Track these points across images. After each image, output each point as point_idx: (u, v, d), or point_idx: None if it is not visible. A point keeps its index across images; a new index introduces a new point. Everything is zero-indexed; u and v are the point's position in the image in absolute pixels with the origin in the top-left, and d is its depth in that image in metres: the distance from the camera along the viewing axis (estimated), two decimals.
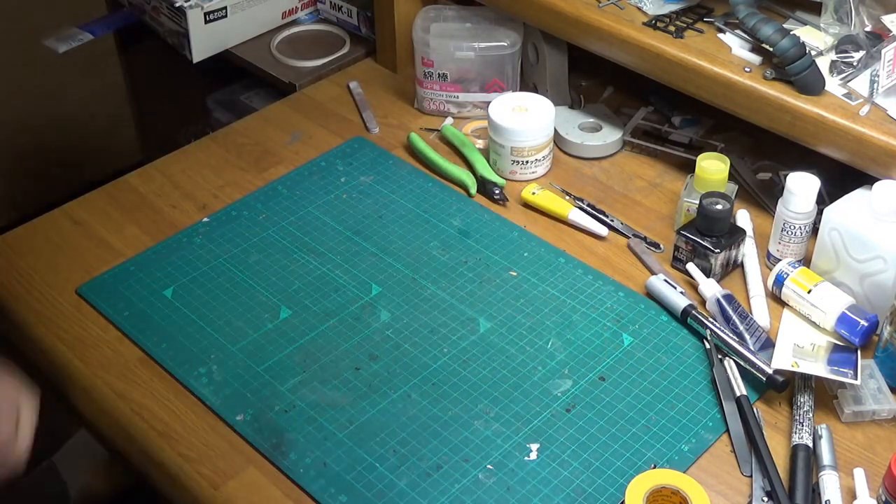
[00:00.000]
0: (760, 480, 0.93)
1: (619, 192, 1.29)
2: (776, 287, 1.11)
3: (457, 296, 1.14)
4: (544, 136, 1.28)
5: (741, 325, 1.07)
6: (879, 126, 1.07)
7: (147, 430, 0.99)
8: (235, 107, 1.73)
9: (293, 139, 1.40)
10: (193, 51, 1.58)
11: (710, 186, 1.16)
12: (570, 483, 0.94)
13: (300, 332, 1.09)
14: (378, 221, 1.25)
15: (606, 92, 1.47)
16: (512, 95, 1.31)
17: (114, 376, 1.05)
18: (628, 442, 0.98)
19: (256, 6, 1.61)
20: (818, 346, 1.05)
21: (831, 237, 1.09)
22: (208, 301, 1.12)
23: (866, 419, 1.00)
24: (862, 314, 1.05)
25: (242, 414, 1.00)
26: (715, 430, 0.99)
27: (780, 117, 1.13)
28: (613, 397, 1.02)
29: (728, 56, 1.18)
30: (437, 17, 1.42)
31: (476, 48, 1.37)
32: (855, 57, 1.14)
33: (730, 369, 1.03)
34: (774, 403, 1.02)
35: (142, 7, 1.65)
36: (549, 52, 1.39)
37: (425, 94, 1.42)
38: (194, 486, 0.95)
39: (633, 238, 1.21)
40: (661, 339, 1.09)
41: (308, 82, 1.54)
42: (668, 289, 1.11)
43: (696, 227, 1.14)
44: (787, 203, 1.12)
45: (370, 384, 1.03)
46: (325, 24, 1.66)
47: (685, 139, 1.36)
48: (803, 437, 0.95)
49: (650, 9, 1.25)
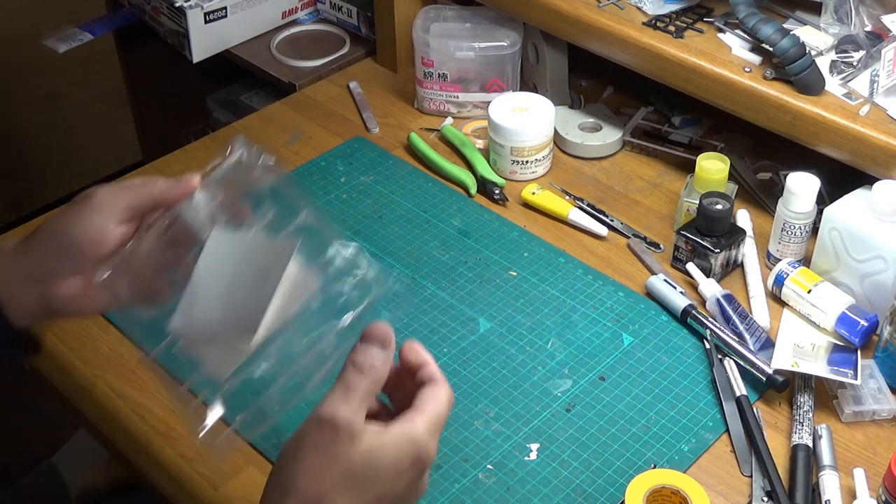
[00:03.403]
0: (760, 480, 0.93)
1: (619, 192, 1.29)
2: (776, 287, 1.11)
3: (457, 296, 1.14)
4: (544, 136, 1.28)
5: (741, 325, 1.07)
6: (879, 126, 1.07)
7: (147, 430, 0.99)
8: (235, 107, 1.73)
9: (293, 139, 1.40)
10: (193, 51, 1.58)
11: (710, 186, 1.16)
12: (570, 483, 0.94)
13: None
14: (378, 221, 1.25)
15: (606, 92, 1.47)
16: (512, 95, 1.31)
17: (114, 376, 1.05)
18: (628, 442, 0.98)
19: (256, 6, 1.61)
20: (818, 346, 1.05)
21: (831, 237, 1.09)
22: None
23: (866, 419, 1.00)
24: (862, 314, 1.04)
25: (242, 414, 1.00)
26: (715, 430, 0.99)
27: (780, 117, 1.13)
28: (613, 397, 1.02)
29: (728, 56, 1.18)
30: (437, 17, 1.42)
31: (476, 48, 1.37)
32: (855, 57, 1.14)
33: (730, 369, 1.03)
34: (774, 403, 1.02)
35: (142, 7, 1.65)
36: (549, 52, 1.39)
37: (425, 94, 1.42)
38: (194, 486, 0.95)
39: (633, 238, 1.21)
40: (661, 339, 1.09)
41: (308, 82, 1.54)
42: (668, 289, 1.11)
43: (696, 227, 1.14)
44: (787, 203, 1.12)
45: None
46: (325, 24, 1.66)
47: (685, 139, 1.36)
48: (803, 437, 0.95)
49: (650, 9, 1.25)
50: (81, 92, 2.34)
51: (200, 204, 0.86)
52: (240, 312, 0.80)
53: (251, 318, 0.79)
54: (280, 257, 0.81)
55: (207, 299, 0.82)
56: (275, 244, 0.83)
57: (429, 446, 0.71)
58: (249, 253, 0.83)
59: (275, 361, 0.79)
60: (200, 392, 0.79)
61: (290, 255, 0.80)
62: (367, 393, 0.72)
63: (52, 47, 1.66)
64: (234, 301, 0.81)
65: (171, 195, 0.86)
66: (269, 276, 0.80)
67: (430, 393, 0.73)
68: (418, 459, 0.71)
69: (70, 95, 2.34)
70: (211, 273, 0.83)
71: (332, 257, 0.82)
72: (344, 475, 0.70)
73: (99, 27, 1.72)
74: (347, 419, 0.70)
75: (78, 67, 2.23)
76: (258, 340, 0.79)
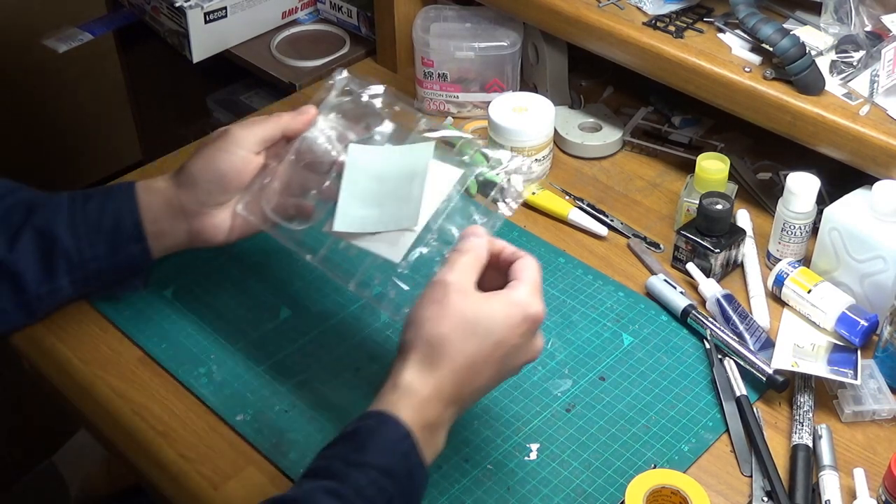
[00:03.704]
0: (760, 480, 0.93)
1: (619, 192, 1.29)
2: (776, 287, 1.11)
3: None
4: (544, 136, 1.28)
5: (741, 325, 1.07)
6: (879, 126, 1.07)
7: (147, 430, 0.99)
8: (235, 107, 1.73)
9: None
10: (193, 51, 1.58)
11: (710, 186, 1.16)
12: (570, 483, 0.94)
13: (300, 332, 1.09)
14: None
15: (606, 92, 1.47)
16: (512, 95, 1.31)
17: (114, 376, 1.05)
18: (628, 442, 0.98)
19: (256, 6, 1.61)
20: (818, 346, 1.05)
21: (831, 237, 1.09)
22: (208, 301, 1.12)
23: (866, 419, 1.00)
24: (862, 314, 1.05)
25: (242, 414, 1.00)
26: (715, 430, 0.99)
27: (780, 117, 1.13)
28: (613, 397, 1.02)
29: (728, 56, 1.18)
30: (437, 17, 1.42)
31: (476, 48, 1.37)
32: (855, 57, 1.14)
33: (730, 369, 1.03)
34: (774, 403, 1.02)
35: (142, 7, 1.65)
36: (549, 52, 1.39)
37: (425, 94, 1.42)
38: (194, 486, 0.95)
39: (633, 238, 1.21)
40: (661, 339, 1.09)
41: (308, 82, 1.54)
42: (668, 289, 1.12)
43: (696, 227, 1.14)
44: (787, 203, 1.12)
45: (370, 384, 1.03)
46: (325, 24, 1.66)
47: (685, 139, 1.36)
48: (803, 437, 0.95)
49: (650, 9, 1.25)
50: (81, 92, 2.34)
51: (325, 128, 1.01)
52: (396, 209, 0.94)
53: (409, 211, 0.94)
54: (419, 158, 0.97)
55: (362, 203, 0.96)
56: (412, 149, 0.99)
57: (534, 303, 0.84)
58: (388, 159, 0.99)
59: (435, 242, 0.94)
60: (374, 278, 0.94)
61: (429, 155, 0.97)
62: (470, 266, 0.85)
63: (52, 47, 1.66)
64: (386, 200, 0.95)
65: (295, 125, 1.00)
66: (414, 175, 0.96)
67: (521, 264, 0.86)
68: (527, 315, 0.83)
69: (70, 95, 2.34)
70: (356, 181, 0.97)
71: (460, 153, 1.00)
72: (460, 322, 0.82)
73: (99, 27, 1.72)
74: (456, 279, 0.84)
75: (78, 67, 2.23)
76: (420, 227, 0.93)
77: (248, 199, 1.00)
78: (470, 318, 0.82)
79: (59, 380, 1.07)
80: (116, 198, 1.01)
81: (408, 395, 0.81)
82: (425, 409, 0.81)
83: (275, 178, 1.00)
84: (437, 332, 0.82)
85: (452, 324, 0.82)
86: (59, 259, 1.00)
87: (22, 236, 0.99)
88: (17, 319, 1.04)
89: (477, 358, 0.82)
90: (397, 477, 0.78)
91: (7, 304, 1.01)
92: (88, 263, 1.01)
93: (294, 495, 0.77)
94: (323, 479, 0.77)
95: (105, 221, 1.00)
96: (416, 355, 0.82)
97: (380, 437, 0.79)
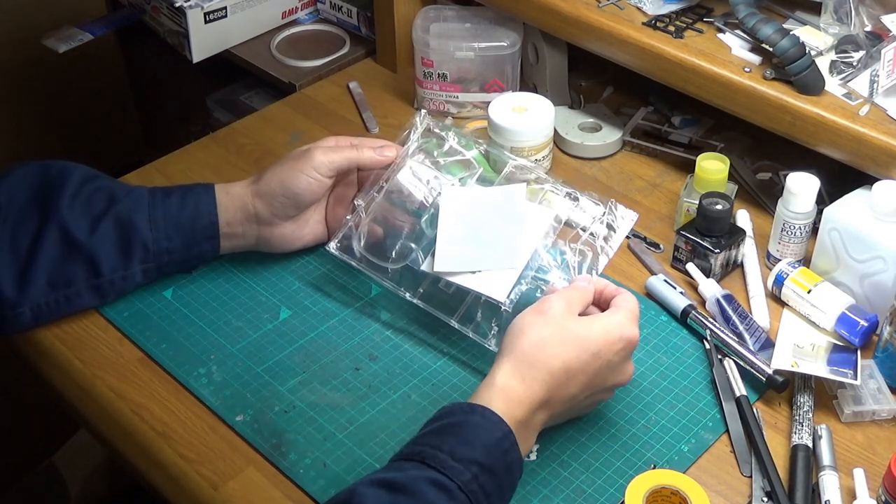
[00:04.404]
0: (760, 480, 0.93)
1: (619, 192, 1.29)
2: (776, 287, 1.11)
3: None
4: (544, 136, 1.28)
5: (741, 325, 1.07)
6: (879, 126, 1.07)
7: (147, 430, 0.99)
8: (235, 107, 1.73)
9: (293, 139, 1.40)
10: (193, 51, 1.58)
11: (710, 186, 1.16)
12: (569, 483, 0.94)
13: (300, 333, 1.09)
14: None
15: (606, 92, 1.47)
16: (512, 95, 1.31)
17: (113, 376, 1.05)
18: (628, 442, 0.98)
19: (256, 6, 1.61)
20: (818, 346, 1.05)
21: (831, 237, 1.09)
22: (208, 301, 1.12)
23: (866, 419, 1.00)
24: (862, 314, 1.05)
25: (242, 414, 1.00)
26: (715, 431, 0.99)
27: (780, 117, 1.13)
28: (613, 397, 1.02)
29: (728, 56, 1.18)
30: (437, 17, 1.42)
31: (476, 48, 1.37)
32: (855, 57, 1.14)
33: (730, 369, 1.03)
34: (774, 403, 1.02)
35: (142, 7, 1.65)
36: (549, 52, 1.39)
37: (425, 94, 1.42)
38: (194, 486, 0.95)
39: (633, 238, 1.21)
40: (661, 339, 1.09)
41: (308, 82, 1.54)
42: (667, 289, 1.11)
43: (695, 227, 1.14)
44: (787, 203, 1.12)
45: (370, 384, 1.03)
46: (325, 24, 1.66)
47: (685, 139, 1.36)
48: (803, 438, 0.95)
49: (650, 9, 1.25)
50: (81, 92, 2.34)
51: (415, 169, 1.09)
52: (496, 248, 1.02)
53: (509, 251, 1.01)
54: (513, 198, 1.05)
55: (460, 243, 1.03)
56: (504, 190, 1.06)
57: (631, 327, 0.92)
58: (482, 200, 1.06)
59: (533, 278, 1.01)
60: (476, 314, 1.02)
61: (522, 195, 1.05)
62: (577, 298, 0.94)
63: (52, 47, 1.66)
64: (484, 240, 1.02)
65: (373, 163, 1.10)
66: (510, 215, 1.03)
67: (621, 298, 0.95)
68: (623, 336, 0.91)
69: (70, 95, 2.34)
70: (453, 222, 1.04)
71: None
72: (559, 329, 0.89)
73: (99, 27, 1.72)
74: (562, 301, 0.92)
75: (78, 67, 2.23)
76: (521, 265, 1.01)
77: (340, 237, 1.10)
78: (570, 328, 0.90)
79: (59, 380, 1.07)
80: (197, 197, 1.08)
81: (503, 393, 0.86)
82: (518, 408, 0.86)
83: (364, 220, 1.09)
84: (538, 335, 0.89)
85: (552, 330, 0.89)
86: (136, 248, 1.06)
87: (102, 223, 1.05)
88: (88, 301, 1.08)
89: (572, 364, 0.88)
90: (498, 473, 0.83)
91: (81, 287, 1.06)
92: (163, 255, 1.08)
93: (401, 480, 0.80)
94: (427, 469, 0.81)
95: (184, 218, 1.07)
96: (514, 356, 0.88)
97: (485, 433, 0.83)
